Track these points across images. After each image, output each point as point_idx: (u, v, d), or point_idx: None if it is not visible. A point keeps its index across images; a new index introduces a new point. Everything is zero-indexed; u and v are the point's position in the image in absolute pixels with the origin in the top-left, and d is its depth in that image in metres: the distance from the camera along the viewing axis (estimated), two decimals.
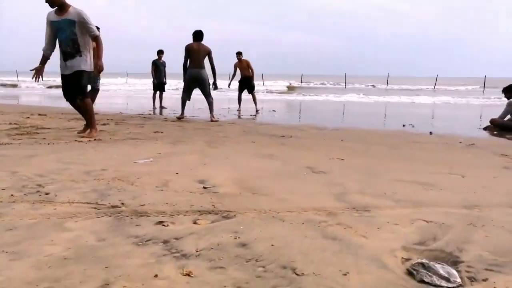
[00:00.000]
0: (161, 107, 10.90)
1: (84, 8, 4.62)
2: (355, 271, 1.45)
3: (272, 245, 1.67)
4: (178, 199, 2.30)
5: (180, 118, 7.64)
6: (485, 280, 1.41)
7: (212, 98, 7.77)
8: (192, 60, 7.48)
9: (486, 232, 1.88)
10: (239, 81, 10.92)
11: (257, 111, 10.34)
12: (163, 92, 11.43)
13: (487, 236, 1.83)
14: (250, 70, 10.70)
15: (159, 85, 11.21)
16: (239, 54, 10.59)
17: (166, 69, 11.38)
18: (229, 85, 11.23)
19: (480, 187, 2.79)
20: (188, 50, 7.48)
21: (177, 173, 2.92)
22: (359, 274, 1.43)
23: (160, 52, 11.12)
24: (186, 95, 7.80)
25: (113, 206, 2.13)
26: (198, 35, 7.57)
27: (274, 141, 4.97)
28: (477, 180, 3.03)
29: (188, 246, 1.64)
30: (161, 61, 11.20)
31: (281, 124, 7.19)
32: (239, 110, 10.48)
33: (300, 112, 11.76)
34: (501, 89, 7.81)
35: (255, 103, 10.75)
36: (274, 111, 10.84)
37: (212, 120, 7.44)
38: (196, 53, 7.47)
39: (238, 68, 10.68)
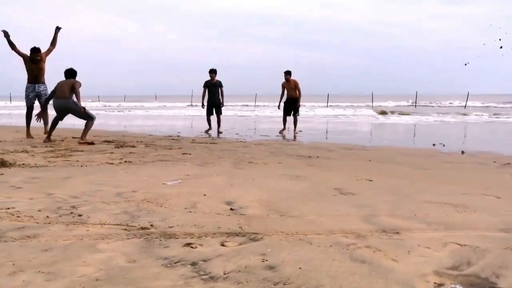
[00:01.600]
0: (218, 132, 9.84)
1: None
2: None
3: (300, 268, 1.66)
4: (206, 220, 2.32)
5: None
6: None
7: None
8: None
9: None
10: (285, 102, 10.41)
11: (295, 134, 9.70)
12: (220, 114, 10.34)
13: None
14: (297, 91, 10.21)
15: (212, 107, 10.18)
16: (287, 73, 10.11)
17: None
18: (278, 106, 10.66)
19: None
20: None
21: (204, 195, 2.96)
22: None
23: (211, 72, 10.03)
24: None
25: (142, 228, 2.17)
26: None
27: (301, 161, 4.96)
28: None
29: (216, 268, 1.65)
30: (215, 82, 10.07)
31: (308, 144, 7.17)
32: (282, 131, 9.92)
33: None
34: None
35: (295, 126, 10.14)
36: (300, 131, 10.76)
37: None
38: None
39: (285, 89, 10.25)
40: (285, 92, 10.33)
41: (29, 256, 1.75)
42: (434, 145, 7.29)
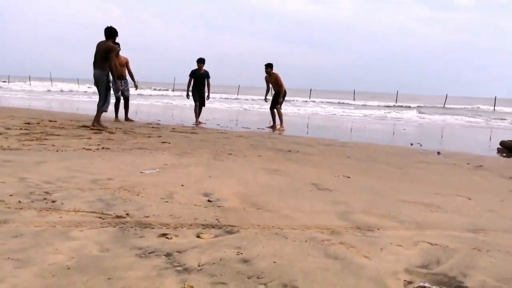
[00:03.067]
0: (198, 122, 9.78)
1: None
2: None
3: (274, 262, 1.67)
4: (182, 211, 2.31)
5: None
6: None
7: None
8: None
9: (491, 258, 1.87)
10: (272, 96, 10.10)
11: (281, 127, 9.49)
12: (203, 106, 10.07)
13: (492, 262, 1.81)
14: (278, 85, 9.68)
15: (198, 98, 9.72)
16: (267, 66, 9.64)
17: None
18: (265, 99, 10.51)
19: (487, 210, 2.77)
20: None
21: (182, 185, 2.94)
22: None
23: (199, 61, 9.69)
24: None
25: (118, 217, 2.15)
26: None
27: (280, 156, 4.98)
28: (484, 203, 3.01)
29: (190, 260, 1.65)
30: (202, 72, 9.67)
31: (288, 139, 7.20)
32: (272, 126, 9.66)
33: None
34: None
35: (280, 119, 9.68)
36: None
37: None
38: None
39: (269, 82, 9.89)
40: (270, 85, 10.07)
41: None
42: (412, 144, 7.44)
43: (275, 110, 9.87)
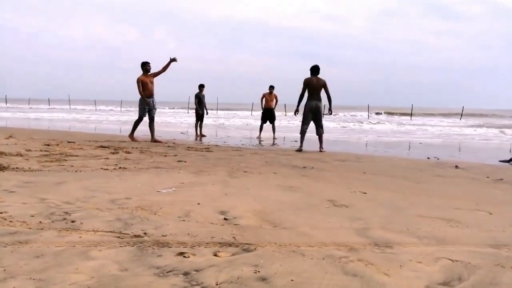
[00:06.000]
0: (202, 135, 11.98)
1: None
2: None
3: (292, 280, 1.66)
4: (199, 230, 2.33)
5: (299, 150, 8.00)
6: None
7: (323, 129, 8.28)
8: (311, 93, 8.07)
9: None
10: (263, 112, 12.07)
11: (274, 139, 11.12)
12: (203, 122, 12.52)
13: None
14: (274, 102, 11.95)
15: (202, 116, 12.43)
16: (271, 87, 11.88)
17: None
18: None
19: (509, 225, 2.71)
20: (308, 83, 8.08)
21: (199, 204, 2.96)
22: None
23: (201, 86, 12.32)
24: (306, 127, 8.26)
25: (135, 236, 2.17)
26: (315, 70, 8.11)
27: (295, 172, 4.97)
28: (505, 217, 2.94)
29: (208, 278, 1.65)
30: (203, 94, 12.32)
31: (303, 155, 7.19)
32: (259, 136, 11.61)
33: None
34: None
35: (274, 132, 11.67)
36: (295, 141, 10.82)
37: (320, 151, 7.93)
38: (315, 86, 8.05)
39: (265, 98, 11.91)
40: (263, 101, 11.84)
41: (20, 262, 1.74)
42: (428, 158, 7.34)
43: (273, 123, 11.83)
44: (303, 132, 8.20)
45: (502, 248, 2.19)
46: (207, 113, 12.57)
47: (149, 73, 8.83)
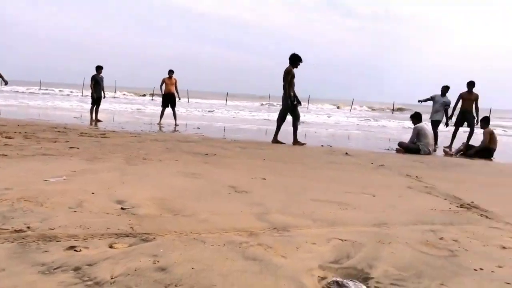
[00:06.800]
0: (97, 120, 11.27)
1: None
2: None
3: (192, 268, 1.64)
4: (93, 221, 2.17)
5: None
6: None
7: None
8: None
9: (392, 249, 2.04)
10: (164, 96, 11.92)
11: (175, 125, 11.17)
12: (99, 106, 11.89)
13: (393, 253, 1.98)
14: (174, 87, 11.90)
15: (97, 99, 11.65)
16: (170, 72, 11.73)
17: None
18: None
19: (388, 206, 3.03)
20: (293, 74, 7.76)
21: (93, 193, 2.76)
22: None
23: (99, 68, 11.67)
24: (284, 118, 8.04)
25: (16, 231, 1.94)
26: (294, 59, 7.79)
27: (197, 159, 4.93)
28: (386, 199, 3.28)
29: (102, 272, 1.55)
30: (100, 76, 11.71)
31: (205, 142, 7.17)
32: (159, 123, 11.51)
33: None
34: (409, 116, 8.64)
35: (175, 118, 11.71)
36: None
37: (295, 144, 7.76)
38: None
39: (164, 83, 11.81)
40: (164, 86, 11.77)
41: None
42: (322, 146, 7.86)
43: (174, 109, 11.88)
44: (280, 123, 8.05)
45: (382, 227, 2.44)
46: (104, 97, 11.98)
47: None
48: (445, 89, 9.71)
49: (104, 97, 12.01)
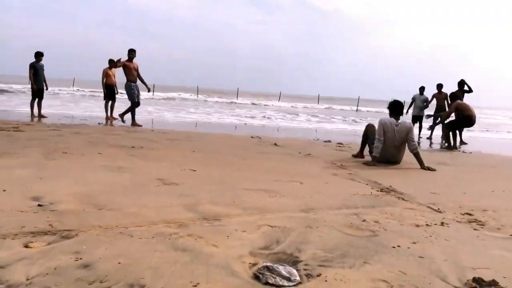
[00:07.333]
0: (40, 116, 9.54)
1: None
2: (205, 281, 1.47)
3: (119, 263, 1.57)
4: (5, 220, 1.98)
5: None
6: (318, 275, 1.59)
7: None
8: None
9: (319, 232, 2.13)
10: (106, 87, 10.37)
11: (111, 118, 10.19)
12: (42, 100, 9.96)
13: (320, 236, 2.07)
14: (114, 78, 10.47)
15: (39, 91, 9.71)
16: (110, 62, 9.98)
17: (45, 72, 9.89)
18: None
19: (315, 192, 3.15)
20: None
21: (4, 191, 2.52)
22: (209, 283, 1.45)
23: (39, 55, 9.59)
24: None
25: None
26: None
27: (124, 152, 4.72)
28: (313, 186, 3.41)
29: (16, 274, 1.42)
30: (40, 64, 9.69)
31: (132, 135, 6.89)
32: (106, 118, 10.19)
33: None
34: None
35: (112, 110, 10.50)
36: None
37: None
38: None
39: (106, 74, 10.26)
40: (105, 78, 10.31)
41: None
42: (252, 137, 7.95)
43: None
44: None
45: (310, 212, 2.53)
46: (47, 89, 10.11)
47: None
48: (422, 89, 11.11)
49: (47, 89, 10.09)
